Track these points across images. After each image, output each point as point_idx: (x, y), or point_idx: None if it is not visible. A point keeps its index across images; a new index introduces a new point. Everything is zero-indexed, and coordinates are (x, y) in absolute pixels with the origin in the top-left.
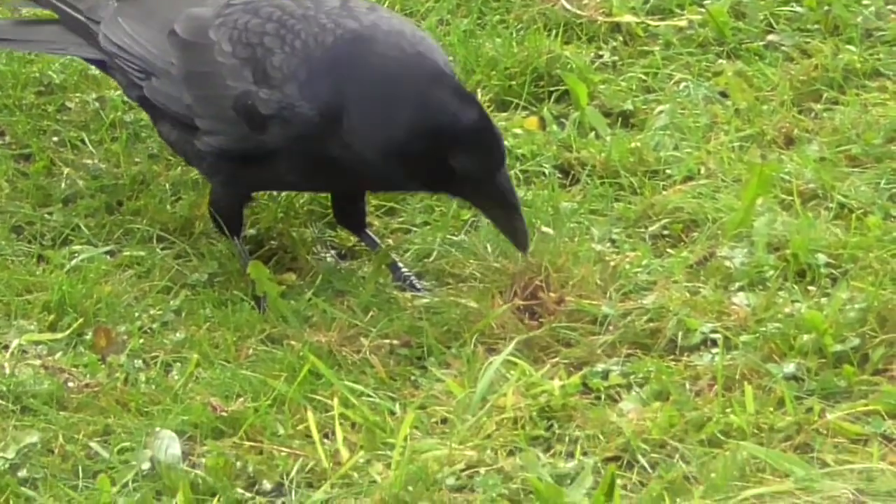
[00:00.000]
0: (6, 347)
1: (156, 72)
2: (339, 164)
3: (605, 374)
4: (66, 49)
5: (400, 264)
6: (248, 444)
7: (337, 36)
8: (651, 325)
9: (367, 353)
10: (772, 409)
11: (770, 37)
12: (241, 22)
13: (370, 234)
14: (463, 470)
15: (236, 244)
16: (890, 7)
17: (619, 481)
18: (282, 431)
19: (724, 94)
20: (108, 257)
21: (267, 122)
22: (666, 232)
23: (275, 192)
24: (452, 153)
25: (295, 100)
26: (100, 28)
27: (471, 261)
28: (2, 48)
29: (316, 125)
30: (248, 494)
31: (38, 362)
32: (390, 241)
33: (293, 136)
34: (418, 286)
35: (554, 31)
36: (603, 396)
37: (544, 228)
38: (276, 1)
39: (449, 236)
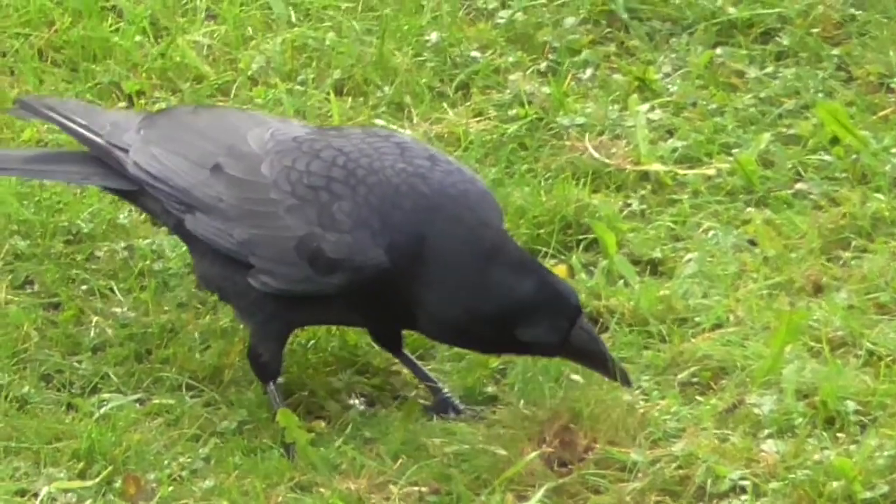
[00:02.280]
0: (35, 495)
1: (200, 206)
2: (401, 310)
3: None
4: (89, 179)
5: (440, 386)
6: None
7: (413, 200)
8: (680, 472)
9: (397, 500)
10: None
11: (798, 185)
12: (301, 163)
13: (408, 353)
14: None
15: (271, 388)
16: None
17: None
18: None
19: (752, 242)
20: (138, 405)
21: (334, 266)
22: (695, 379)
23: (302, 339)
24: (520, 329)
25: (368, 246)
26: (128, 156)
27: (499, 407)
28: (23, 178)
29: (388, 273)
30: None
31: None
32: (420, 390)
33: (358, 282)
34: (461, 408)
35: (582, 180)
36: None
37: (573, 376)
38: (335, 143)
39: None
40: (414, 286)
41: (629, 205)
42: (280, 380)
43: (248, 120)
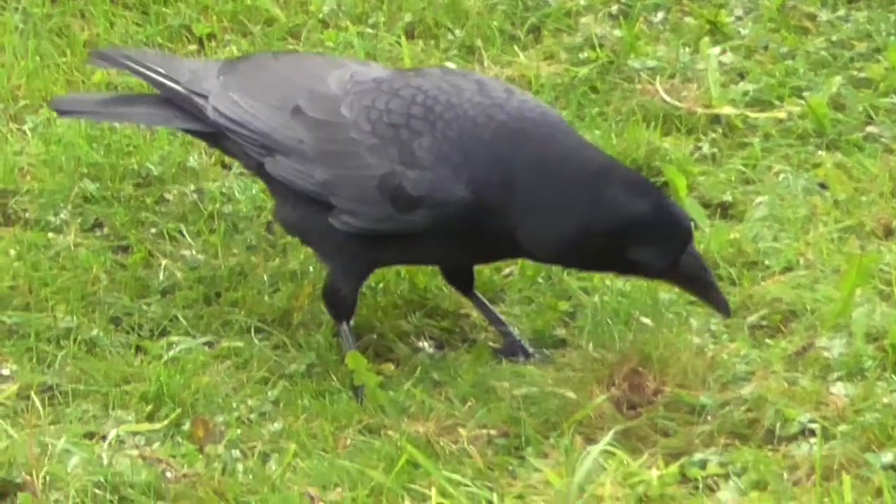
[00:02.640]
0: (104, 437)
1: (280, 149)
2: (488, 244)
3: (703, 464)
4: (169, 122)
5: (510, 330)
6: None
7: (493, 130)
8: (749, 415)
9: (465, 443)
10: (870, 498)
11: (869, 128)
12: (381, 102)
13: (477, 294)
14: None
15: (344, 328)
16: None
17: None
18: None
19: (823, 186)
20: (207, 348)
21: (416, 204)
22: (764, 323)
23: (372, 282)
24: (631, 248)
25: (449, 181)
26: (208, 101)
27: (568, 350)
28: (105, 121)
29: (470, 208)
30: None
31: (135, 452)
32: (489, 333)
33: (442, 217)
34: (530, 351)
35: (653, 123)
36: (701, 486)
37: (643, 319)
38: (413, 82)
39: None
40: (510, 212)
41: (700, 148)
42: (352, 322)
43: (328, 63)
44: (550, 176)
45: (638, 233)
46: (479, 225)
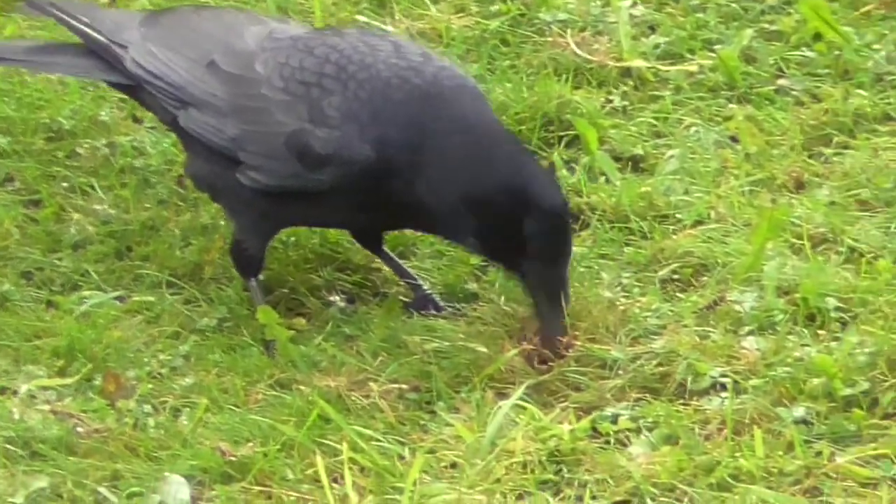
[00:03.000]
0: (15, 393)
1: (194, 102)
2: (393, 206)
3: (615, 418)
4: (90, 73)
5: (420, 283)
6: (257, 488)
7: (405, 92)
8: (660, 369)
9: (377, 397)
10: (781, 452)
11: (780, 81)
12: (295, 59)
13: (387, 251)
14: None
15: (253, 285)
16: None
17: None
18: (291, 476)
19: (734, 139)
20: (118, 303)
21: (323, 162)
22: (676, 276)
23: (282, 237)
24: (530, 221)
25: (356, 141)
26: (127, 52)
27: (480, 305)
28: (25, 69)
29: (375, 168)
30: None
31: (47, 407)
32: (400, 287)
33: (348, 177)
34: (441, 305)
35: (564, 76)
36: (612, 440)
37: None
38: (329, 41)
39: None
40: (412, 174)
41: (611, 101)
42: (260, 277)
43: (248, 19)
44: (454, 142)
45: (546, 211)
46: (383, 185)
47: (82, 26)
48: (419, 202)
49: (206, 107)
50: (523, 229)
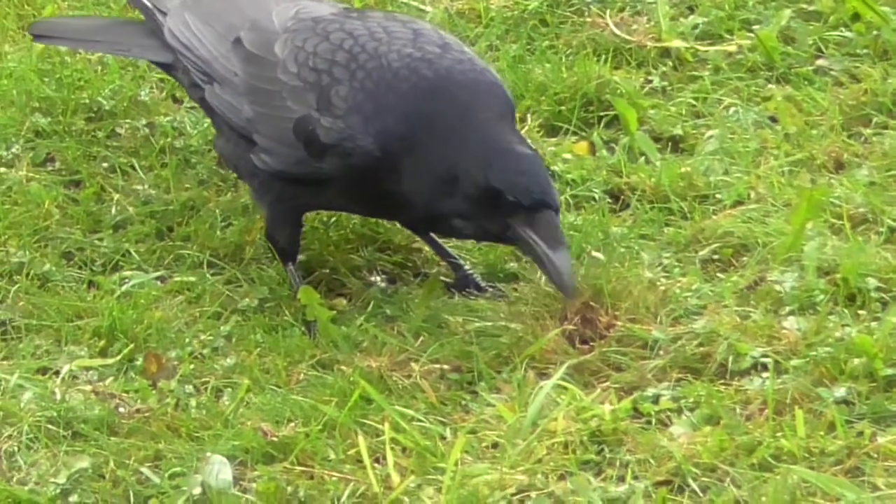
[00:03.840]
0: (57, 373)
1: (218, 78)
2: (392, 198)
3: (656, 399)
4: (129, 50)
5: (461, 263)
6: (298, 469)
7: (412, 84)
8: (701, 349)
9: (418, 377)
10: (822, 433)
11: (819, 61)
12: (310, 44)
13: (433, 235)
14: (514, 494)
15: (289, 268)
16: None
17: None
18: (333, 456)
19: (773, 119)
20: (159, 283)
21: (326, 151)
22: (716, 256)
23: (325, 216)
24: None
25: (358, 132)
26: (166, 20)
27: (521, 285)
28: (65, 46)
29: (375, 159)
30: None
31: (88, 388)
32: (441, 267)
33: (350, 167)
34: (483, 285)
35: (603, 57)
36: (653, 421)
37: (594, 253)
38: (348, 26)
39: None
40: (405, 164)
41: (650, 81)
42: (301, 257)
43: None
44: (445, 129)
45: (521, 165)
46: (381, 175)
47: None
48: (409, 192)
49: (227, 84)
50: (502, 198)
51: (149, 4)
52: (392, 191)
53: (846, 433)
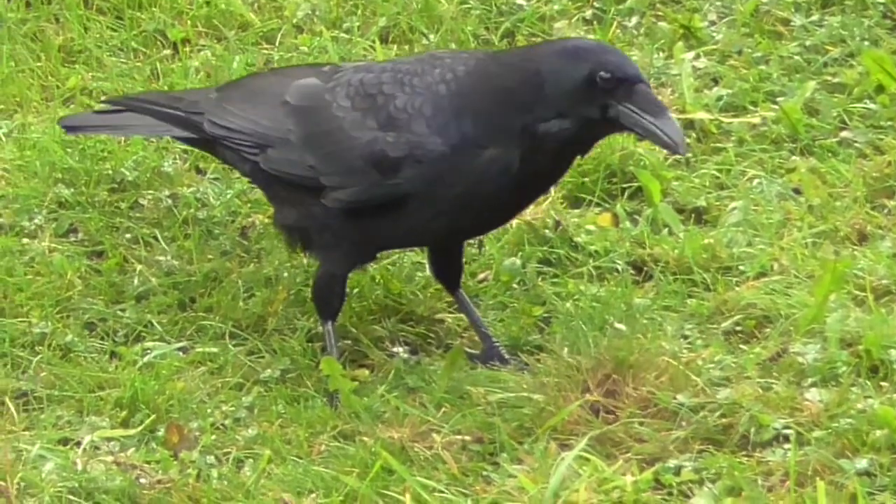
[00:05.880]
0: (78, 444)
1: (271, 143)
2: (475, 196)
3: (678, 470)
4: (170, 131)
5: (490, 334)
6: None
7: (458, 80)
8: (724, 420)
9: (440, 448)
10: None
11: (843, 133)
12: (356, 79)
13: (463, 294)
14: None
15: (329, 329)
16: None
17: None
18: None
19: (797, 191)
20: (181, 354)
21: (397, 165)
22: (739, 328)
23: (347, 288)
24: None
25: (425, 137)
26: (203, 118)
27: (544, 356)
28: (104, 134)
29: (448, 158)
30: None
31: (110, 458)
32: (464, 339)
33: (427, 176)
34: (507, 358)
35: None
36: (675, 492)
37: (617, 325)
38: (383, 64)
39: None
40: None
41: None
42: (335, 322)
43: (308, 70)
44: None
45: (606, 57)
46: (460, 178)
47: (160, 108)
48: (495, 135)
49: (283, 144)
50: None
51: (182, 115)
52: (478, 187)
53: None
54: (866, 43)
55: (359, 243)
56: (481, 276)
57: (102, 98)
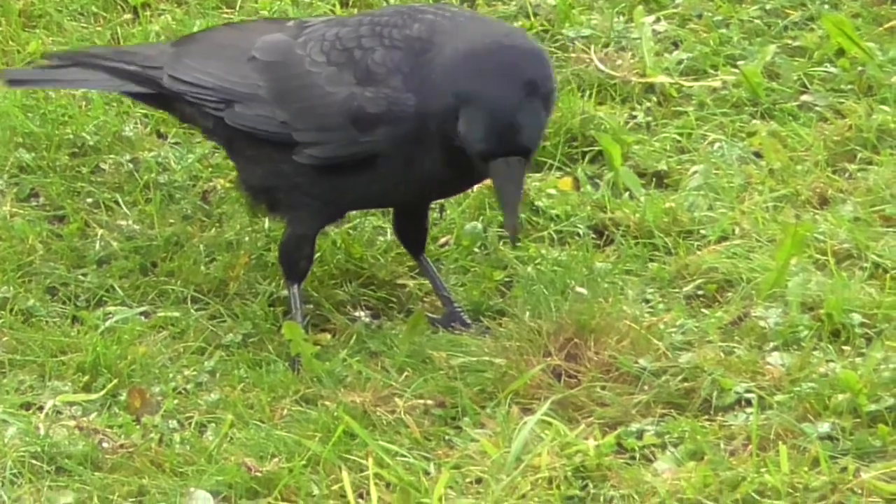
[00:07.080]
0: (41, 408)
1: (238, 98)
2: (450, 160)
3: (640, 434)
4: (123, 86)
5: (452, 298)
6: None
7: (433, 39)
8: (686, 384)
9: (402, 413)
10: (806, 468)
11: (804, 97)
12: (331, 33)
13: (427, 260)
14: None
15: (295, 291)
16: None
17: None
18: (316, 492)
19: (758, 155)
20: (143, 318)
21: (375, 122)
22: (700, 292)
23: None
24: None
25: (401, 92)
26: (161, 72)
27: (506, 320)
28: (56, 88)
29: (419, 116)
30: None
31: (72, 423)
32: (426, 303)
33: (402, 133)
34: (468, 322)
35: (587, 92)
36: (637, 456)
37: (579, 289)
38: (357, 18)
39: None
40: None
41: (634, 117)
42: (286, 292)
43: (272, 24)
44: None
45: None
46: (430, 135)
47: (109, 63)
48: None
49: (251, 100)
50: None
51: (138, 70)
52: (450, 146)
53: (830, 469)
54: (826, 6)
55: (329, 202)
56: (442, 240)
57: (45, 54)
